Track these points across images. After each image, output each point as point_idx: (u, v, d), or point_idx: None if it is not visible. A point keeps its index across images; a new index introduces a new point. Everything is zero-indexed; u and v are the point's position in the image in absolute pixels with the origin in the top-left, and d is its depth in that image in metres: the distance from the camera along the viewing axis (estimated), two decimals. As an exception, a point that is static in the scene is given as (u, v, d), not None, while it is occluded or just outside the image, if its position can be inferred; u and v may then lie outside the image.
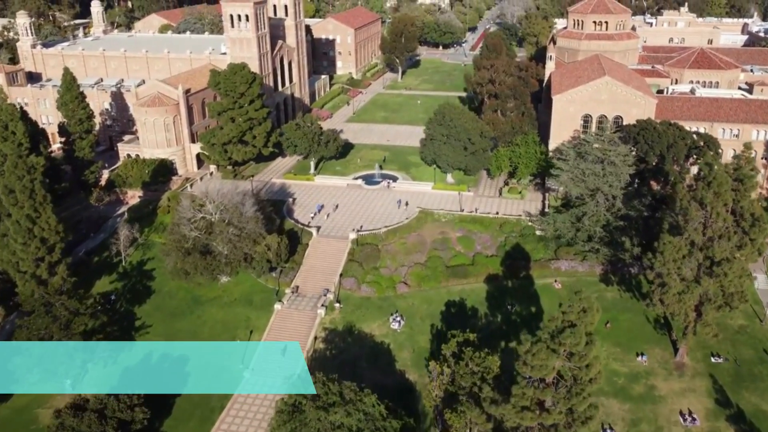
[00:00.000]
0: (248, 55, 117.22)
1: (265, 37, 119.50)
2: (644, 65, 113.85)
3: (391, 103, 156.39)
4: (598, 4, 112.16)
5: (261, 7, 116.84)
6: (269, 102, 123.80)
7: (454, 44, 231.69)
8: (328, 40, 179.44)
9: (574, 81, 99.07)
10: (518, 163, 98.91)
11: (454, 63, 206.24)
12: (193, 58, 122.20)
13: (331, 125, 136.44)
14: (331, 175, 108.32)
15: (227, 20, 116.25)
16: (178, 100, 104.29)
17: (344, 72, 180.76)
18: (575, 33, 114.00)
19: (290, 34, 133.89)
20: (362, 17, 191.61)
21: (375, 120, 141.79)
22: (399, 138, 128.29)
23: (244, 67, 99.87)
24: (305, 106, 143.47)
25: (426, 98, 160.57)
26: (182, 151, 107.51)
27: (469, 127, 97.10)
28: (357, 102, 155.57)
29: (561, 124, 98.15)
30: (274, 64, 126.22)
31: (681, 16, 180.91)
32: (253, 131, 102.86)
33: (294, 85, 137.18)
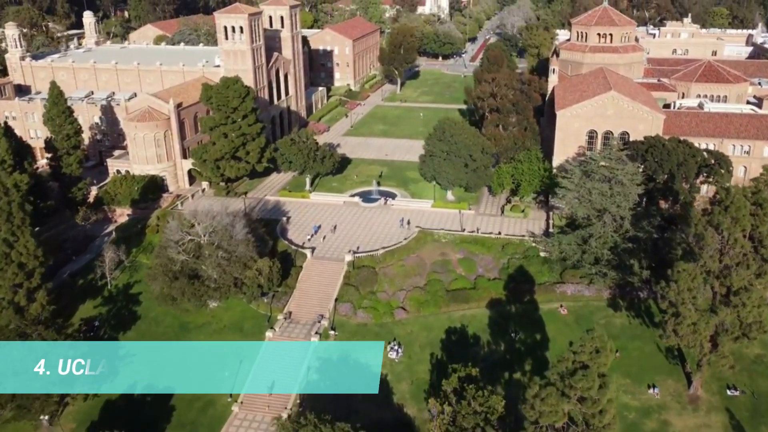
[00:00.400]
0: (243, 67, 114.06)
1: (260, 49, 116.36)
2: (650, 78, 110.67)
3: (389, 115, 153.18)
4: (602, 16, 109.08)
5: (256, 18, 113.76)
6: (264, 116, 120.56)
7: (453, 55, 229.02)
8: (325, 51, 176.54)
9: (579, 95, 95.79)
10: (521, 180, 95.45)
11: (454, 74, 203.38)
12: (186, 70, 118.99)
13: (328, 139, 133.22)
14: (327, 192, 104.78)
15: (221, 32, 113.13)
16: (169, 114, 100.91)
17: (342, 84, 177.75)
18: (579, 45, 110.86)
19: (286, 46, 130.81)
20: (360, 28, 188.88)
21: (373, 133, 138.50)
22: (397, 152, 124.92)
23: (237, 80, 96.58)
24: (302, 119, 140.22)
25: (425, 111, 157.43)
26: (173, 167, 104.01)
27: (470, 143, 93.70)
28: (355, 115, 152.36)
29: (565, 140, 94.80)
30: (270, 77, 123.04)
31: (684, 27, 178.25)
32: (247, 147, 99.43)
33: (290, 98, 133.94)
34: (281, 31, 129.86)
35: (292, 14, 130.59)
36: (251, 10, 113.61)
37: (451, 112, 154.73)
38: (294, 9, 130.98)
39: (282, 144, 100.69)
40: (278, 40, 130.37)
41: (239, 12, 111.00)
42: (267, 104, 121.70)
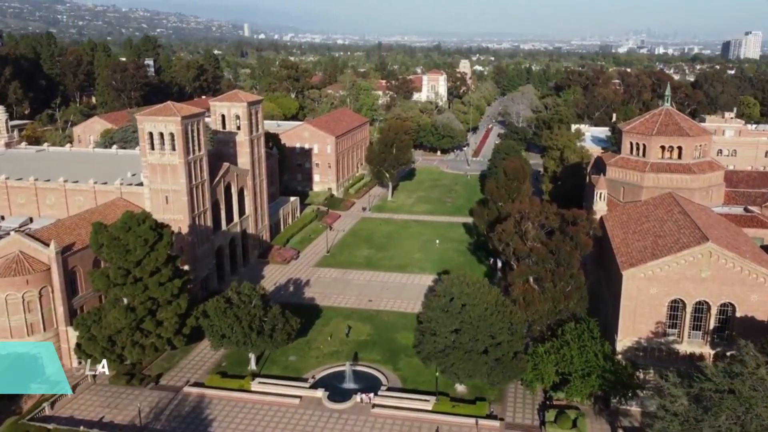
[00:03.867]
0: (174, 187, 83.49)
1: (199, 161, 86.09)
2: (734, 207, 79.96)
3: (377, 233, 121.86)
4: (667, 123, 79.70)
5: (193, 122, 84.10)
6: (203, 251, 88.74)
7: (454, 149, 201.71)
8: (303, 150, 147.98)
9: (652, 244, 64.37)
10: (569, 372, 62.49)
11: (455, 173, 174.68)
12: (99, 189, 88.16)
13: (296, 272, 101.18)
14: (279, 375, 71.30)
15: (144, 139, 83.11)
16: (50, 263, 68.80)
17: (322, 188, 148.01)
18: (634, 162, 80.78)
19: (243, 153, 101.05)
20: (346, 121, 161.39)
21: (354, 262, 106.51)
22: (385, 296, 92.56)
23: (145, 219, 65.09)
24: (263, 243, 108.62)
25: (422, 226, 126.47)
26: (55, 340, 70.78)
27: (491, 317, 61.33)
28: (334, 233, 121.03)
29: (635, 312, 62.51)
30: (216, 196, 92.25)
31: (728, 123, 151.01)
32: (159, 315, 66.76)
33: (247, 218, 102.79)
34: (237, 134, 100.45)
35: (252, 112, 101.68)
36: (188, 110, 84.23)
37: (455, 228, 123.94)
38: (254, 106, 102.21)
39: (211, 308, 67.97)
40: (233, 145, 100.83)
41: (169, 114, 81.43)
42: (208, 233, 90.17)
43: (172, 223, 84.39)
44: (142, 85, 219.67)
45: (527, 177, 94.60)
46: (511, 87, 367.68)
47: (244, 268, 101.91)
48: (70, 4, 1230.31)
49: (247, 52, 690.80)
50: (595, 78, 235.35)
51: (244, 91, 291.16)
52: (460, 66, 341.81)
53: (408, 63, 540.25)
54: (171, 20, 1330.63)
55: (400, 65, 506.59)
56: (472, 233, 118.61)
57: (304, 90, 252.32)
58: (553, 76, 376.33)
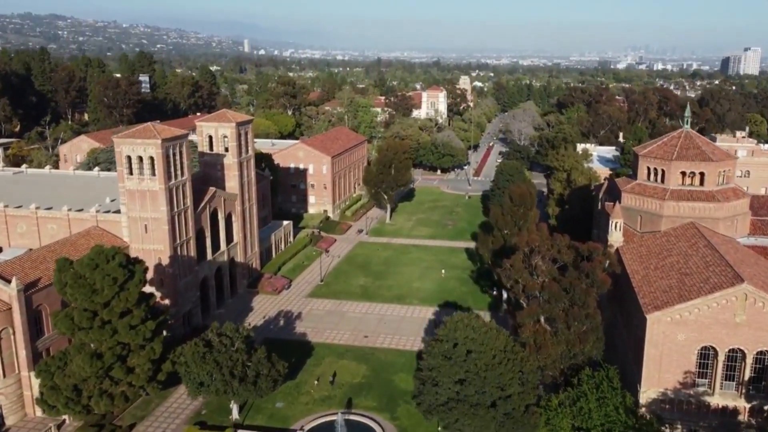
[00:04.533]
0: (153, 215, 77.13)
1: (182, 187, 79.82)
2: (761, 238, 73.57)
3: (374, 259, 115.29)
4: (687, 146, 73.57)
5: (176, 145, 77.97)
6: (186, 283, 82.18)
7: (454, 168, 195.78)
8: (297, 170, 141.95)
9: (678, 283, 57.94)
10: (588, 428, 55.64)
11: (456, 194, 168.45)
12: (73, 217, 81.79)
13: (287, 303, 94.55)
14: (264, 425, 64.40)
15: (121, 163, 76.92)
16: (10, 302, 62.23)
17: (318, 210, 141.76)
18: (652, 188, 74.49)
19: (231, 176, 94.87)
20: (342, 141, 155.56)
21: (350, 292, 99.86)
22: (383, 331, 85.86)
23: (115, 254, 58.61)
24: (253, 272, 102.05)
25: (422, 251, 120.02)
26: (16, 387, 64.04)
27: (500, 369, 54.69)
28: (329, 259, 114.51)
29: (661, 359, 55.93)
30: (201, 223, 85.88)
31: (740, 142, 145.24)
32: (129, 361, 60.06)
33: (235, 246, 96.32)
34: (225, 156, 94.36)
35: (241, 133, 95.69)
36: (170, 132, 78.13)
37: (456, 254, 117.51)
38: (243, 127, 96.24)
39: (189, 354, 61.26)
40: (220, 167, 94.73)
41: (149, 136, 75.31)
42: (192, 264, 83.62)
43: (152, 253, 78.45)
44: (134, 102, 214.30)
45: (534, 203, 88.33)
46: (512, 103, 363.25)
47: (231, 299, 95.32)
48: (71, 20, 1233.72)
49: (246, 68, 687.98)
50: (598, 95, 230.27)
51: (241, 108, 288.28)
52: (460, 82, 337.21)
53: (407, 79, 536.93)
54: (171, 36, 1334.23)
55: (400, 81, 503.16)
56: (475, 259, 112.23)
57: (301, 107, 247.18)
58: (554, 93, 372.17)
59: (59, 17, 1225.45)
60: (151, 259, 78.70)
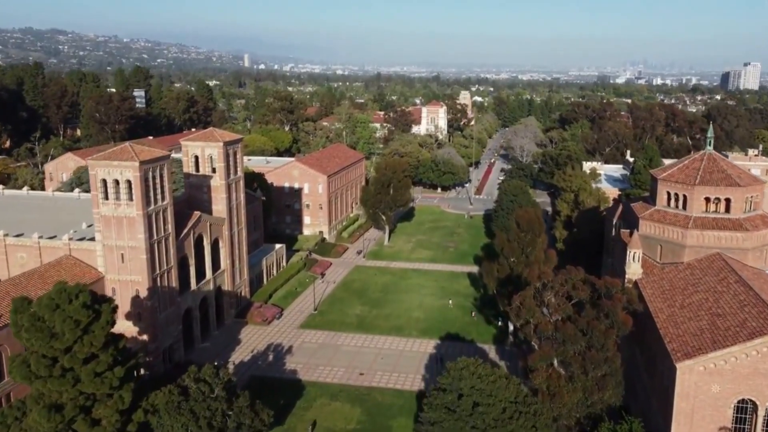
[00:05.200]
0: (131, 243, 71.03)
1: (162, 212, 73.73)
2: (792, 270, 67.28)
3: (372, 285, 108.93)
4: (711, 170, 67.60)
5: (156, 167, 71.99)
6: (166, 316, 75.80)
7: (455, 186, 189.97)
8: (292, 190, 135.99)
9: (710, 325, 51.66)
10: (611, 491, 49.13)
11: (457, 213, 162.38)
12: (44, 245, 75.57)
13: (277, 335, 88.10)
14: (248, 482, 57.72)
15: (95, 187, 70.92)
16: (-36, 343, 55.92)
17: (313, 231, 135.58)
18: (673, 216, 68.38)
19: (218, 199, 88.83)
20: (339, 158, 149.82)
21: (345, 322, 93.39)
22: (380, 366, 79.34)
23: (79, 293, 52.31)
24: (242, 300, 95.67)
25: (423, 275, 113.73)
26: (-31, 437, 57.41)
27: (512, 425, 48.27)
28: (324, 285, 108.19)
29: (693, 414, 49.47)
30: (183, 251, 79.66)
31: (752, 161, 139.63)
32: (94, 413, 53.52)
33: (222, 273, 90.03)
34: (212, 177, 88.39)
35: (230, 153, 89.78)
36: (149, 153, 72.16)
37: (458, 279, 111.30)
38: (232, 146, 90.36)
39: (163, 404, 54.71)
40: (207, 190, 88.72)
41: (126, 158, 69.37)
42: (173, 295, 77.28)
43: (129, 285, 72.30)
44: (126, 117, 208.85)
45: (543, 229, 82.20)
46: (513, 119, 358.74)
47: (218, 331, 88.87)
48: (72, 35, 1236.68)
49: (245, 83, 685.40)
50: (601, 111, 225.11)
51: (238, 123, 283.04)
52: (460, 97, 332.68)
53: (407, 94, 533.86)
54: (172, 50, 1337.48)
55: (399, 96, 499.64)
56: (478, 286, 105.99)
57: (299, 122, 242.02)
58: (556, 108, 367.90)
59: (60, 32, 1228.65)
60: (128, 291, 72.68)
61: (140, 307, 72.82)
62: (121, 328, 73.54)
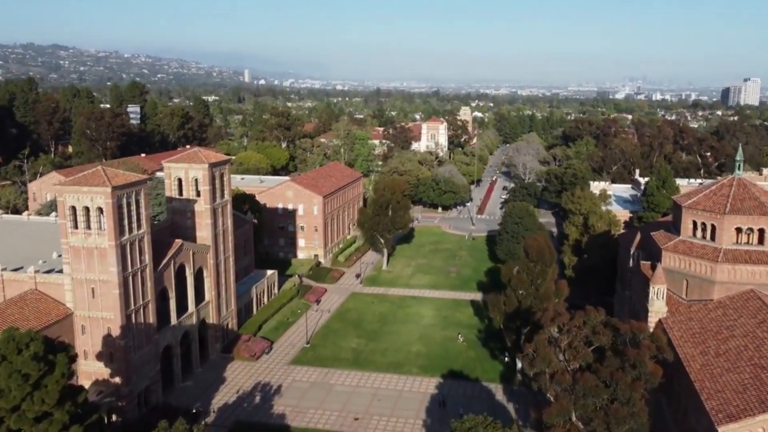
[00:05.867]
0: (102, 277, 64.54)
1: (138, 242, 67.29)
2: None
3: (369, 315, 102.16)
4: (742, 197, 61.31)
5: (131, 193, 65.69)
6: (142, 356, 68.99)
7: (457, 205, 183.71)
8: (286, 211, 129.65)
9: (754, 379, 45.00)
10: None
11: (459, 234, 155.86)
12: (8, 278, 68.99)
13: (265, 372, 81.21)
14: None
15: (64, 215, 64.57)
16: None
17: (308, 254, 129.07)
18: (700, 247, 61.93)
19: (203, 225, 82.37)
20: (336, 178, 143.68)
21: (339, 358, 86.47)
22: (377, 410, 72.37)
23: (30, 342, 45.70)
24: (229, 333, 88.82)
25: (423, 303, 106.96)
26: None
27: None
28: (318, 314, 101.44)
29: (738, 485, 42.59)
30: (162, 284, 73.08)
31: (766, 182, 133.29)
32: (47, 478, 46.62)
33: (206, 305, 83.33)
34: (196, 201, 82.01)
35: (216, 175, 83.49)
36: (124, 178, 65.87)
37: (461, 308, 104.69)
38: (218, 168, 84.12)
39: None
40: (190, 215, 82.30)
41: (97, 183, 63.08)
42: (151, 332, 70.56)
43: (101, 322, 65.70)
44: (119, 134, 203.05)
45: (554, 258, 75.70)
46: (514, 135, 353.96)
47: (201, 368, 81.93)
48: (73, 50, 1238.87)
49: (244, 98, 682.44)
50: (606, 127, 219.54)
51: (234, 139, 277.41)
52: (460, 113, 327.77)
53: (406, 109, 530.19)
54: (172, 66, 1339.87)
55: (399, 111, 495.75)
56: (482, 315, 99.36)
57: (296, 139, 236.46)
58: (557, 124, 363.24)
59: (61, 47, 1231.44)
60: (100, 329, 66.09)
61: (112, 347, 66.12)
62: (91, 369, 67.28)
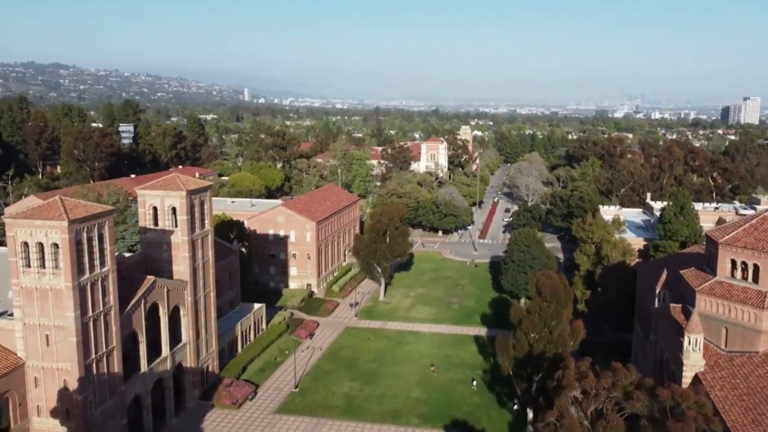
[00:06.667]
0: (58, 322, 56.72)
1: (101, 282, 59.46)
2: None
3: (364, 353, 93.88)
4: (788, 235, 53.51)
5: (92, 226, 58.03)
6: (104, 411, 60.68)
7: (458, 229, 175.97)
8: (277, 238, 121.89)
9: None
10: None
11: (461, 261, 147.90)
12: (-48, 323, 60.98)
13: (248, 424, 72.86)
14: None
15: (14, 252, 56.77)
16: None
17: (300, 284, 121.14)
18: (742, 291, 54.06)
19: (180, 258, 74.56)
20: (331, 202, 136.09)
21: (330, 405, 78.04)
22: (371, 472, 63.94)
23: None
24: (209, 377, 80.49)
25: (423, 339, 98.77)
26: None
27: None
28: (308, 352, 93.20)
29: None
30: (131, 327, 65.09)
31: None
32: None
33: (183, 348, 75.18)
34: (173, 232, 74.27)
35: (195, 204, 75.84)
36: (84, 209, 58.23)
37: (464, 345, 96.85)
38: (198, 195, 76.53)
39: None
40: (166, 247, 74.52)
41: (52, 216, 55.44)
42: (116, 383, 62.38)
43: (56, 374, 57.73)
44: (107, 154, 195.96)
45: (570, 299, 67.84)
46: (515, 154, 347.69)
47: (176, 418, 73.51)
48: (73, 69, 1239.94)
49: (243, 117, 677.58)
50: (611, 147, 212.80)
51: (230, 159, 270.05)
52: (461, 132, 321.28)
53: (406, 128, 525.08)
54: (172, 84, 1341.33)
55: (398, 130, 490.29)
56: (487, 353, 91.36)
57: (291, 159, 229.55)
58: (558, 143, 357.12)
59: (61, 66, 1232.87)
60: (55, 382, 58.12)
61: (69, 402, 58.03)
62: (46, 428, 59.02)
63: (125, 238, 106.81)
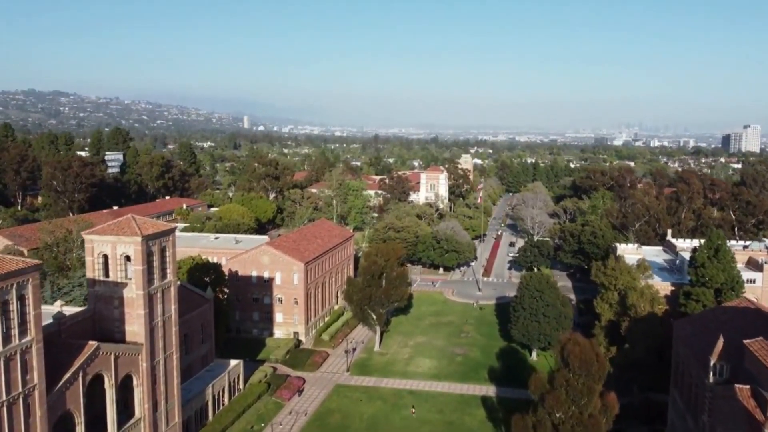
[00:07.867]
0: (-40, 410, 44.23)
1: (21, 356, 47.41)
2: None
3: (356, 419, 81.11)
4: None
5: (9, 285, 46.17)
6: None
7: (460, 265, 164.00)
8: (261, 280, 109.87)
9: None
10: None
11: (464, 303, 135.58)
12: None
13: None
14: None
15: None
16: None
17: (286, 332, 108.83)
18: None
19: (134, 316, 62.50)
20: (323, 239, 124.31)
21: (315, 491, 65.28)
22: None
23: None
24: (168, 456, 67.75)
25: (422, 402, 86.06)
26: None
27: None
28: (291, 418, 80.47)
29: None
30: (64, 407, 52.76)
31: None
32: None
33: (136, 424, 62.61)
34: (125, 286, 62.36)
35: (154, 251, 64.05)
36: (5, 265, 46.44)
37: (470, 407, 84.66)
38: (157, 241, 64.78)
39: None
40: (118, 303, 62.55)
41: (-45, 278, 43.59)
42: (39, 482, 49.78)
43: (-43, 475, 44.95)
44: (88, 185, 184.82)
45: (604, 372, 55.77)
46: (517, 183, 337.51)
47: None
48: (74, 96, 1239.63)
49: (241, 144, 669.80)
50: (620, 177, 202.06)
51: (223, 189, 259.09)
52: (461, 161, 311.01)
53: (405, 156, 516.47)
54: (172, 112, 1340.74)
55: (397, 158, 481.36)
56: (497, 419, 78.84)
57: (284, 190, 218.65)
58: (562, 172, 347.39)
59: (62, 94, 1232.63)
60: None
61: None
62: None
63: (71, 293, 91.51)
